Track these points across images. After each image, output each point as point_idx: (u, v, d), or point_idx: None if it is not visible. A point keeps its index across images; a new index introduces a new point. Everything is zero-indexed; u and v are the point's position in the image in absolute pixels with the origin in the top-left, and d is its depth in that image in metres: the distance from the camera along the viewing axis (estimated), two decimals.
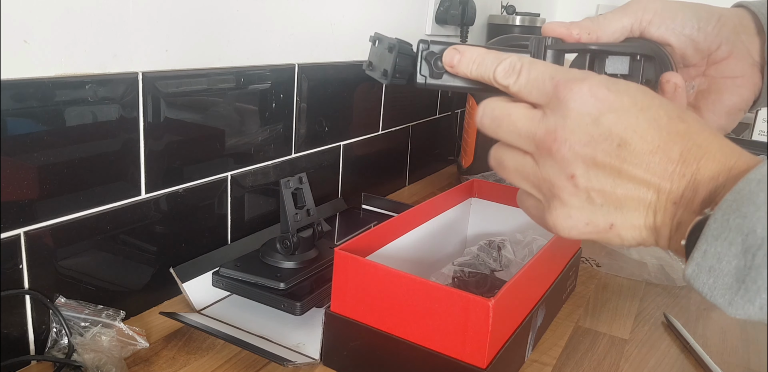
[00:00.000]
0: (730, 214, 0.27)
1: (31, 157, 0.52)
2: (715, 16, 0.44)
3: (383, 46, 0.41)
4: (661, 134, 0.31)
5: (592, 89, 0.32)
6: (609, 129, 0.32)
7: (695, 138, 0.31)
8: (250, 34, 0.73)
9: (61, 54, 0.53)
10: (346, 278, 0.55)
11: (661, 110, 0.32)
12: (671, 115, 0.32)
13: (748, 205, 0.27)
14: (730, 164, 0.30)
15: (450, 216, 0.78)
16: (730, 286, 0.28)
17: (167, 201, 0.66)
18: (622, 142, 0.31)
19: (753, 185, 0.27)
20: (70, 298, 0.58)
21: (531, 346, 0.63)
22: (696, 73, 0.47)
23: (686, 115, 0.32)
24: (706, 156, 0.31)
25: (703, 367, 0.63)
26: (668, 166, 0.31)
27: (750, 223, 0.27)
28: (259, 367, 0.59)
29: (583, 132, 0.32)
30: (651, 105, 0.32)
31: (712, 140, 0.31)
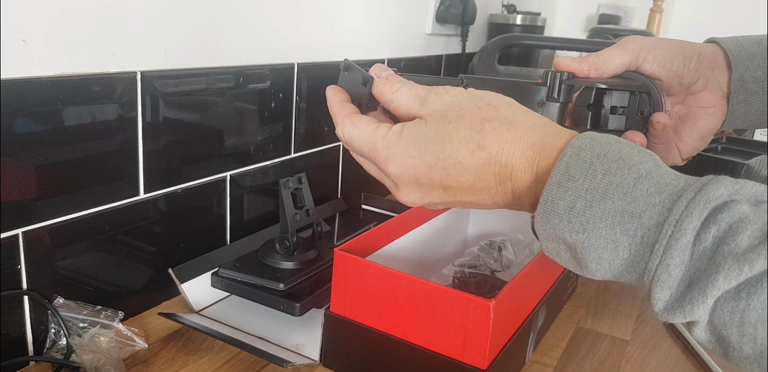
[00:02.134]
0: (545, 224, 0.34)
1: (29, 156, 0.52)
2: (696, 53, 0.51)
3: (355, 76, 0.45)
4: (469, 173, 0.37)
5: (398, 167, 0.39)
6: (429, 185, 0.39)
7: (500, 160, 0.36)
8: (250, 33, 0.73)
9: (60, 53, 0.53)
10: (346, 279, 0.55)
11: (461, 149, 0.37)
12: (471, 149, 0.37)
13: (553, 216, 0.33)
14: (535, 169, 0.36)
15: (450, 216, 0.78)
16: (576, 267, 0.35)
17: (166, 201, 0.66)
18: (445, 188, 0.38)
19: (554, 192, 0.33)
20: (68, 298, 0.58)
21: (532, 347, 0.63)
22: (676, 102, 0.54)
23: (484, 139, 0.37)
24: (514, 172, 0.36)
25: (705, 369, 0.63)
26: (491, 190, 0.37)
27: (559, 232, 0.33)
28: (258, 368, 0.58)
29: (414, 192, 0.40)
30: (449, 149, 0.37)
31: (513, 153, 0.36)
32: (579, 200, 0.32)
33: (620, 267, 0.32)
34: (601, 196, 0.32)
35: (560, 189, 0.33)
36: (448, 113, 0.38)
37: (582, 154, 0.33)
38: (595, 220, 0.32)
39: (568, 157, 0.33)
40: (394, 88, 0.41)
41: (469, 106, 0.38)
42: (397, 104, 0.41)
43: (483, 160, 0.36)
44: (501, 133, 0.36)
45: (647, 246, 0.30)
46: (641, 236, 0.31)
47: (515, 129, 0.36)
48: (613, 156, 0.32)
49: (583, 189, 0.32)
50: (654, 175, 0.32)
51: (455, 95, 0.39)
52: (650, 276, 0.31)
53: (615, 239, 0.31)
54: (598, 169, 0.32)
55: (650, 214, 0.30)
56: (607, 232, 0.31)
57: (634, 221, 0.31)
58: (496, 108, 0.38)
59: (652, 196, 0.31)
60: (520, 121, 0.37)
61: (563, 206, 0.33)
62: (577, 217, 0.32)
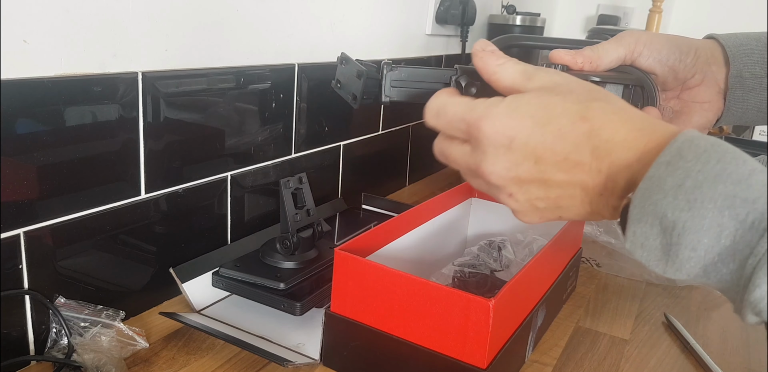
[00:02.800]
0: (645, 201, 0.32)
1: (30, 157, 0.52)
2: (693, 48, 0.51)
3: (350, 69, 0.45)
4: (566, 142, 0.35)
5: (495, 124, 0.37)
6: (522, 152, 0.36)
7: (601, 134, 0.35)
8: (250, 33, 0.73)
9: (61, 54, 0.53)
10: (346, 278, 0.55)
11: (562, 118, 0.35)
12: (573, 119, 0.35)
13: (657, 192, 0.31)
14: (640, 148, 0.34)
15: (450, 216, 0.78)
16: (660, 258, 0.32)
17: (167, 201, 0.66)
18: (537, 159, 0.36)
19: (662, 170, 0.31)
20: (69, 298, 0.58)
21: (531, 346, 0.63)
22: (672, 96, 0.54)
23: (589, 112, 0.35)
24: (615, 149, 0.34)
25: (704, 368, 0.63)
26: (583, 166, 0.35)
27: (661, 209, 0.31)
28: (259, 368, 0.59)
29: (503, 161, 0.37)
30: (550, 117, 0.36)
31: (618, 130, 0.35)
32: (689, 179, 0.30)
33: (717, 256, 0.30)
34: (714, 179, 0.30)
35: (669, 167, 0.31)
36: (556, 88, 0.37)
37: (695, 141, 0.32)
38: (703, 200, 0.30)
39: (680, 142, 0.32)
40: (499, 61, 0.40)
41: (578, 85, 0.38)
42: (500, 76, 0.40)
43: (583, 131, 0.35)
44: (607, 112, 0.35)
45: (757, 231, 0.29)
46: (752, 221, 0.29)
47: (623, 114, 0.35)
48: (727, 148, 0.31)
49: (695, 170, 0.30)
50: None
51: (565, 77, 0.38)
52: (755, 261, 0.29)
53: (721, 223, 0.29)
54: (712, 155, 0.31)
55: (765, 201, 0.29)
56: (714, 214, 0.29)
57: (747, 206, 0.29)
58: (607, 93, 0.38)
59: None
60: (628, 110, 0.36)
61: (671, 183, 0.31)
62: (685, 195, 0.30)
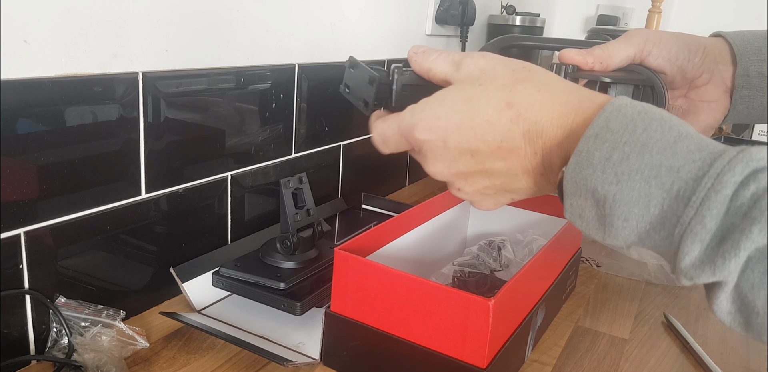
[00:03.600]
0: (576, 175, 0.33)
1: (31, 157, 0.52)
2: (702, 47, 0.51)
3: (360, 74, 0.44)
4: (496, 131, 0.36)
5: (425, 129, 0.39)
6: (456, 148, 0.38)
7: (527, 117, 0.35)
8: (250, 34, 0.73)
9: (62, 54, 0.53)
10: (346, 278, 0.55)
11: (488, 108, 0.36)
12: (498, 107, 0.36)
13: (587, 166, 0.32)
14: (568, 125, 0.35)
15: (450, 216, 0.78)
16: (597, 227, 0.34)
17: (167, 201, 0.66)
18: (472, 152, 0.37)
19: (590, 143, 0.32)
20: (70, 298, 0.58)
21: (531, 345, 0.63)
22: (679, 95, 0.54)
23: (513, 97, 0.36)
24: (545, 129, 0.35)
25: (703, 367, 0.63)
26: (519, 151, 0.36)
27: (591, 183, 0.32)
28: (259, 367, 0.59)
29: (441, 160, 0.39)
30: (476, 109, 0.36)
31: (544, 110, 0.35)
32: (616, 152, 0.31)
33: (648, 225, 0.31)
34: (640, 149, 0.31)
35: (597, 141, 0.32)
36: (480, 77, 0.38)
37: (623, 110, 0.32)
38: (630, 172, 0.31)
39: (608, 113, 0.33)
40: (431, 57, 0.41)
41: (503, 68, 0.38)
42: (435, 72, 0.41)
43: (510, 118, 0.36)
44: (532, 92, 0.36)
45: (682, 199, 0.30)
46: (677, 190, 0.30)
47: (548, 90, 0.36)
48: (653, 115, 0.32)
49: (622, 141, 0.31)
50: (694, 136, 0.31)
51: (491, 59, 0.39)
52: (682, 229, 0.30)
53: (648, 193, 0.30)
54: (638, 124, 0.32)
55: (689, 169, 0.30)
56: (642, 185, 0.30)
57: (672, 175, 0.30)
58: (531, 71, 0.37)
59: (693, 153, 0.30)
60: (553, 85, 0.36)
61: (599, 157, 0.32)
62: (612, 168, 0.31)
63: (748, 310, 0.29)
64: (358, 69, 0.45)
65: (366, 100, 0.44)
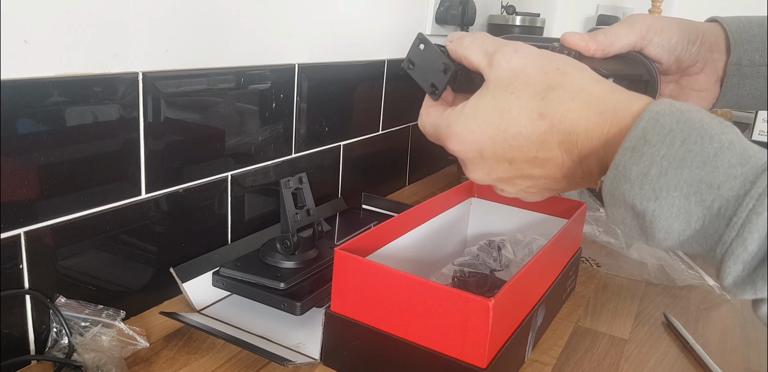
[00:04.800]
0: (614, 190, 0.33)
1: (31, 157, 0.52)
2: (700, 36, 0.51)
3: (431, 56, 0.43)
4: (531, 143, 0.36)
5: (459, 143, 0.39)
6: (493, 159, 0.38)
7: (561, 128, 0.35)
8: (251, 34, 0.73)
9: (62, 54, 0.53)
10: (346, 278, 0.55)
11: (521, 120, 0.36)
12: (531, 118, 0.36)
13: (624, 181, 0.32)
14: (604, 135, 0.34)
15: (450, 216, 0.78)
16: (640, 235, 0.33)
17: (167, 201, 0.66)
18: (509, 161, 0.38)
19: (627, 157, 0.32)
20: (70, 297, 0.58)
21: (531, 345, 0.63)
22: (670, 80, 0.54)
23: (546, 107, 0.35)
24: (580, 140, 0.35)
25: (703, 367, 0.63)
26: (556, 160, 0.36)
27: (629, 198, 0.32)
28: (259, 367, 0.59)
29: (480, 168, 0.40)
30: (510, 121, 0.36)
31: (578, 120, 0.35)
32: (654, 166, 0.30)
33: (689, 238, 0.31)
34: (678, 164, 0.30)
35: (634, 154, 0.31)
36: (512, 82, 0.37)
37: (661, 119, 0.31)
38: (669, 188, 0.30)
39: (645, 122, 0.32)
40: (464, 43, 0.40)
41: (536, 70, 0.37)
42: (469, 61, 0.40)
43: (545, 129, 0.35)
44: (564, 101, 0.35)
45: (724, 218, 0.29)
46: (718, 208, 0.29)
47: (581, 98, 0.35)
48: (693, 123, 0.31)
49: (659, 155, 0.30)
50: (737, 147, 0.30)
51: (524, 56, 0.37)
52: (724, 249, 0.29)
53: (688, 209, 0.30)
54: (677, 135, 0.30)
55: (730, 186, 0.29)
56: (681, 201, 0.30)
57: (712, 192, 0.29)
58: (564, 73, 0.36)
59: (734, 168, 0.29)
60: (587, 90, 0.35)
61: (636, 172, 0.31)
62: (650, 185, 0.31)
63: None
64: (429, 49, 0.43)
65: (435, 85, 0.43)
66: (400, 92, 1.09)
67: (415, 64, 0.44)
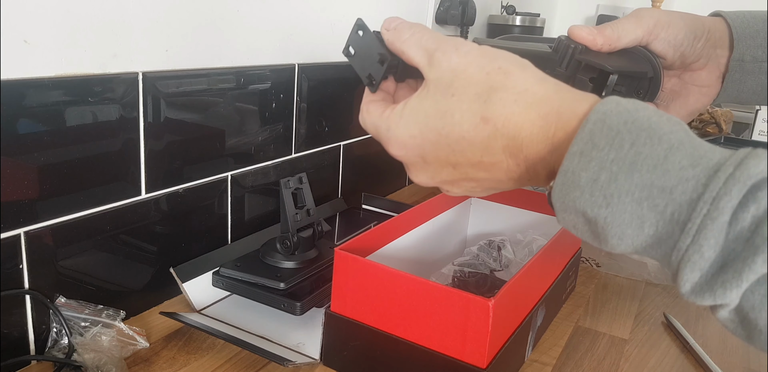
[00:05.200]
0: (564, 196, 0.32)
1: (31, 157, 0.52)
2: (705, 32, 0.50)
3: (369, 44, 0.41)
4: (474, 148, 0.35)
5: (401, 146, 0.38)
6: (436, 163, 0.37)
7: (505, 132, 0.34)
8: (250, 34, 0.73)
9: (62, 54, 0.53)
10: (346, 278, 0.55)
11: (464, 124, 0.34)
12: (474, 122, 0.34)
13: (574, 188, 0.31)
14: (549, 140, 0.33)
15: (450, 216, 0.78)
16: (593, 240, 0.33)
17: (167, 201, 0.66)
18: (453, 165, 0.37)
19: (575, 162, 0.30)
20: (70, 298, 0.58)
21: (531, 345, 0.63)
22: (673, 75, 0.53)
23: (488, 110, 0.34)
24: (524, 144, 0.34)
25: (703, 367, 0.63)
26: (501, 164, 0.35)
27: (580, 206, 0.31)
28: (259, 367, 0.59)
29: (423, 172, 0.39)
30: (452, 125, 0.35)
31: (522, 125, 0.33)
32: (603, 172, 0.29)
33: (644, 243, 0.30)
34: (628, 168, 0.29)
35: (583, 159, 0.30)
36: (453, 83, 0.35)
37: (608, 120, 0.30)
38: (620, 194, 0.29)
39: (592, 124, 0.30)
40: (402, 37, 0.38)
41: (477, 70, 0.35)
42: (407, 56, 0.38)
43: (488, 134, 0.34)
44: (507, 104, 0.34)
45: (678, 224, 0.28)
46: (671, 213, 0.28)
47: (524, 100, 0.33)
48: (641, 124, 0.30)
49: (609, 159, 0.29)
50: (687, 146, 0.29)
51: (464, 55, 0.36)
52: (679, 256, 0.28)
53: (641, 215, 0.29)
54: (625, 137, 0.29)
55: (683, 189, 0.28)
56: (633, 207, 0.29)
57: (664, 196, 0.28)
58: (507, 73, 0.34)
59: (686, 170, 0.28)
60: (530, 91, 0.34)
61: (585, 178, 0.30)
62: (601, 191, 0.30)
63: (750, 326, 0.29)
64: (367, 37, 0.40)
65: (373, 76, 0.41)
66: None
67: (355, 52, 0.41)
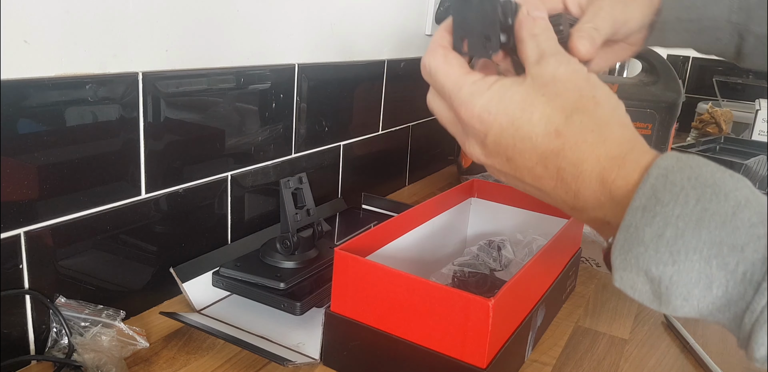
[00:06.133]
0: (626, 253, 0.30)
1: (31, 157, 0.52)
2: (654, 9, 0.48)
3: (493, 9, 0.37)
4: (534, 153, 0.34)
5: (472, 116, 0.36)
6: (493, 148, 0.36)
7: (568, 156, 0.33)
8: (250, 34, 0.73)
9: (61, 54, 0.53)
10: (346, 278, 0.55)
11: (538, 126, 0.34)
12: (547, 130, 0.34)
13: (638, 244, 0.29)
14: (608, 183, 0.32)
15: (450, 216, 0.78)
16: (653, 300, 0.31)
17: (167, 201, 0.66)
18: (508, 158, 0.36)
19: (638, 217, 0.29)
20: (70, 298, 0.58)
21: (531, 345, 0.63)
22: None
23: (566, 127, 0.34)
24: (581, 176, 0.33)
25: (703, 367, 0.63)
26: (548, 181, 0.35)
27: (644, 263, 0.29)
28: (259, 367, 0.59)
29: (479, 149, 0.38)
30: (527, 121, 0.34)
31: (588, 158, 0.33)
32: (669, 227, 0.28)
33: (711, 305, 0.29)
34: (695, 224, 0.28)
35: (646, 214, 0.29)
36: (548, 86, 0.35)
37: (671, 176, 0.29)
38: (687, 251, 0.28)
39: (654, 179, 0.30)
40: (534, 30, 0.37)
41: (574, 88, 0.35)
42: (524, 46, 0.37)
43: (554, 147, 0.33)
44: (585, 130, 0.33)
45: (751, 284, 0.27)
46: (743, 272, 0.27)
47: (601, 133, 0.33)
48: (705, 180, 0.29)
49: (674, 215, 0.28)
50: (754, 204, 0.28)
51: (572, 71, 0.35)
52: (753, 317, 0.27)
53: (710, 274, 0.28)
54: (690, 193, 0.28)
55: (755, 247, 0.27)
56: (701, 265, 0.28)
57: (735, 254, 0.27)
58: (597, 104, 0.34)
59: (756, 227, 0.27)
60: (610, 129, 0.33)
61: (650, 233, 0.29)
62: (667, 247, 0.28)
63: None
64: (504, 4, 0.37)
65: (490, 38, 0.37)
66: (400, 92, 1.09)
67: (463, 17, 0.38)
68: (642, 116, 0.94)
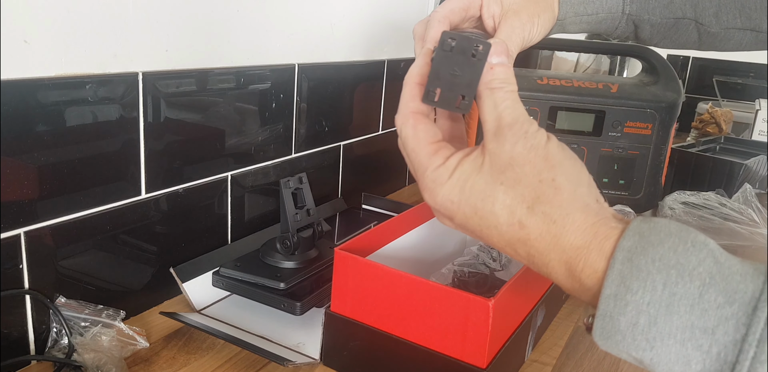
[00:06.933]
0: (606, 340, 0.31)
1: (31, 157, 0.52)
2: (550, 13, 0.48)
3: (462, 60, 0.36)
4: (502, 239, 0.35)
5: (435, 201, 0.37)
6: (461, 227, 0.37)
7: (536, 245, 0.34)
8: (251, 34, 0.73)
9: (61, 54, 0.53)
10: (346, 278, 0.55)
11: (501, 217, 0.35)
12: (510, 221, 0.34)
13: (615, 333, 0.31)
14: (578, 271, 0.33)
15: None
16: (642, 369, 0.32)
17: (167, 201, 0.66)
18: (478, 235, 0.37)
19: (611, 306, 0.31)
20: (70, 298, 0.58)
21: (531, 345, 0.63)
22: None
23: (529, 219, 0.34)
24: (550, 264, 0.34)
25: None
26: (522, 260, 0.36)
27: (624, 348, 0.31)
28: (259, 367, 0.59)
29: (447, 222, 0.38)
30: (490, 212, 0.35)
31: (552, 249, 0.34)
32: (642, 315, 0.30)
33: None
34: (666, 310, 0.29)
35: (618, 302, 0.30)
36: (506, 172, 0.35)
37: (635, 259, 0.30)
38: (662, 336, 0.29)
39: (620, 264, 0.31)
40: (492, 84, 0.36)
41: (532, 172, 0.34)
42: (482, 110, 0.37)
43: (519, 237, 0.34)
44: (547, 221, 0.34)
45: (726, 363, 0.28)
46: (717, 353, 0.28)
47: (564, 225, 0.33)
48: (668, 260, 0.30)
49: (644, 302, 0.30)
50: (718, 280, 0.29)
51: (529, 149, 0.35)
52: None
53: (686, 354, 0.29)
54: (656, 278, 0.30)
55: (725, 330, 0.28)
56: (678, 348, 0.29)
57: (707, 337, 0.28)
58: (557, 189, 0.34)
59: (723, 308, 0.28)
60: (572, 218, 0.33)
61: (625, 322, 0.30)
62: (642, 335, 0.30)
63: None
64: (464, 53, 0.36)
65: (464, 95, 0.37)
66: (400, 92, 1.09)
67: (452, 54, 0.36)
68: (642, 116, 0.94)
